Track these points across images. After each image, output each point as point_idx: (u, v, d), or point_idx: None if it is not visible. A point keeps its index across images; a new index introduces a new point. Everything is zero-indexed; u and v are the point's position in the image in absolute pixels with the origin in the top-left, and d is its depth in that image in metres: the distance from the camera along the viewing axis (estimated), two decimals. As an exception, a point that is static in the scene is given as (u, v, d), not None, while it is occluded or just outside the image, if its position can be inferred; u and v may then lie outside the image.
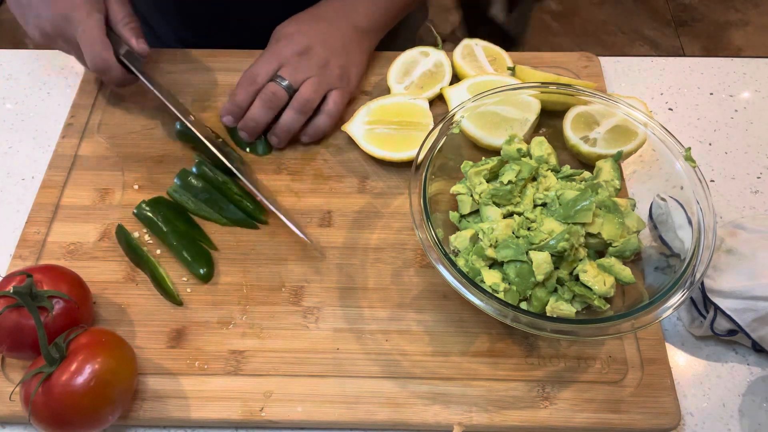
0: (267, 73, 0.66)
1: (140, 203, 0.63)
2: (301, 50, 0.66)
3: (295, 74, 0.66)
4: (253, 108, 0.66)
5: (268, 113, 0.66)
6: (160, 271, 0.60)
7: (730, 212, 0.67)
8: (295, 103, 0.66)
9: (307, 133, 0.68)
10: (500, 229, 0.55)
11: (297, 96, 0.66)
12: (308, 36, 0.67)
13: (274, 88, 0.65)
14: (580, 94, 0.61)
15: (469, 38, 0.76)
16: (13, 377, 0.55)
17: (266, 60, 0.67)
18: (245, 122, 0.66)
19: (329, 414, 0.54)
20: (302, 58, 0.66)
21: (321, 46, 0.67)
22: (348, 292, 0.60)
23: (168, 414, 0.54)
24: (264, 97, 0.65)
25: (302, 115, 0.66)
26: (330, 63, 0.67)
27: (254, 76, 0.66)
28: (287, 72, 0.66)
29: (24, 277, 0.52)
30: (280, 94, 0.65)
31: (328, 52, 0.67)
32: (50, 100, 0.76)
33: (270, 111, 0.66)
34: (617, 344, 0.57)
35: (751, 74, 0.78)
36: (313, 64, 0.66)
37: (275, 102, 0.65)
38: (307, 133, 0.68)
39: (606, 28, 2.18)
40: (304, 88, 0.66)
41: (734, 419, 0.55)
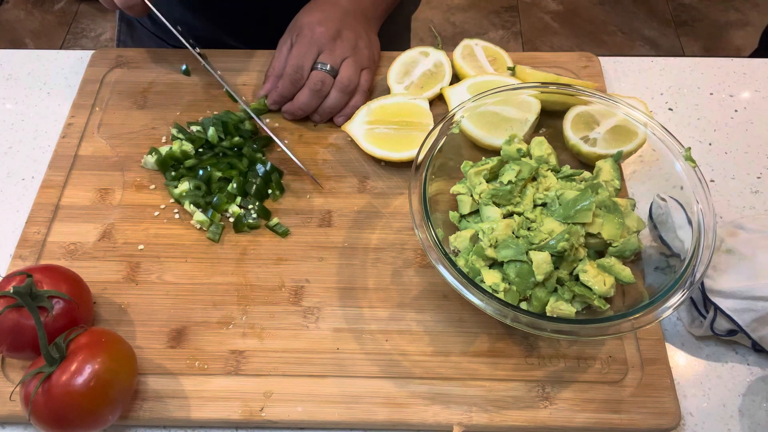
0: (311, 61, 0.69)
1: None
2: (334, 34, 0.69)
3: (334, 57, 0.69)
4: (301, 97, 0.69)
5: (317, 101, 0.69)
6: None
7: (730, 212, 0.67)
8: (339, 85, 0.69)
9: (344, 113, 0.70)
10: (500, 229, 0.55)
11: (340, 78, 0.69)
12: (336, 21, 0.70)
13: (320, 75, 0.68)
14: (580, 94, 0.61)
15: (469, 38, 0.76)
16: (13, 377, 0.55)
17: (305, 49, 0.69)
18: (293, 110, 0.69)
19: (329, 414, 0.54)
20: (336, 42, 0.69)
21: (348, 29, 0.71)
22: (348, 292, 0.60)
23: (168, 414, 0.54)
24: (313, 86, 0.68)
25: (347, 95, 0.69)
26: (359, 44, 0.71)
27: (299, 67, 0.68)
28: (327, 57, 0.69)
29: (24, 277, 0.52)
30: (327, 80, 0.68)
31: (355, 35, 0.71)
32: (50, 100, 0.76)
33: (319, 98, 0.69)
34: (617, 344, 0.57)
35: (751, 74, 0.78)
36: (346, 45, 0.70)
37: (324, 89, 0.68)
38: (344, 113, 0.70)
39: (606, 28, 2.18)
40: (344, 70, 0.69)
41: (734, 419, 0.55)
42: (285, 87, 0.69)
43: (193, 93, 0.74)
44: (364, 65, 0.71)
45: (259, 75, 0.75)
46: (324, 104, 0.69)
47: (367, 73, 0.71)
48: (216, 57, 0.77)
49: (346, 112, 0.70)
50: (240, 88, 0.74)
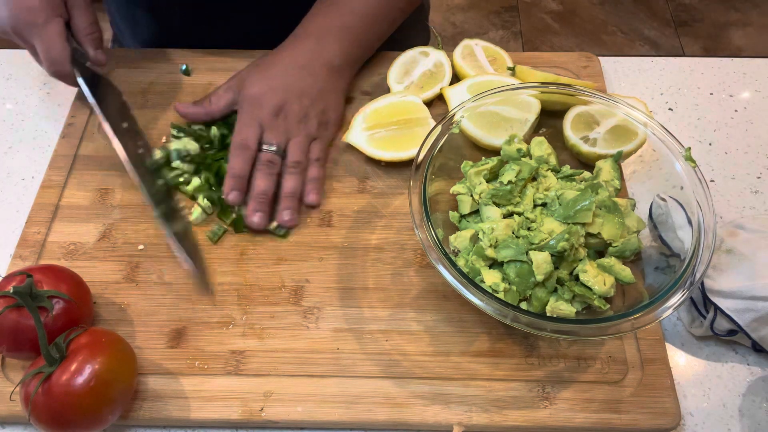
0: (254, 137, 0.64)
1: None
2: (276, 110, 0.65)
3: (278, 136, 0.65)
4: (257, 181, 0.63)
5: (271, 181, 0.64)
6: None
7: (730, 212, 0.67)
8: (289, 169, 0.65)
9: (308, 190, 0.65)
10: (500, 229, 0.55)
11: (288, 161, 0.65)
12: (279, 92, 0.65)
13: (268, 156, 0.64)
14: (580, 94, 0.61)
15: (469, 38, 0.76)
16: (13, 377, 0.55)
17: (247, 124, 0.65)
18: (256, 199, 0.63)
19: (329, 414, 0.54)
20: (279, 118, 0.65)
21: (296, 98, 0.66)
22: (348, 292, 0.60)
23: (168, 414, 0.54)
24: (263, 168, 0.64)
25: (300, 176, 0.65)
26: (308, 114, 0.66)
27: (244, 142, 0.64)
28: (271, 136, 0.65)
29: (24, 277, 0.52)
30: (275, 160, 0.64)
31: (305, 104, 0.66)
32: (50, 100, 0.76)
33: (272, 178, 0.64)
34: (617, 344, 0.57)
35: (751, 74, 0.78)
36: (291, 121, 0.65)
37: (273, 169, 0.64)
38: (308, 190, 0.65)
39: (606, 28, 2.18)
40: (291, 151, 0.65)
41: (734, 419, 0.55)
42: (236, 165, 0.63)
43: (193, 93, 0.74)
44: (313, 136, 0.66)
45: (259, 75, 0.75)
46: (283, 192, 0.64)
47: (317, 143, 0.67)
48: (216, 57, 0.77)
49: (310, 186, 0.65)
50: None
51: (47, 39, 0.63)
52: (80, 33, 0.65)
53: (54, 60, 0.63)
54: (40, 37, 0.63)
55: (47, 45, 0.63)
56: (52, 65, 0.64)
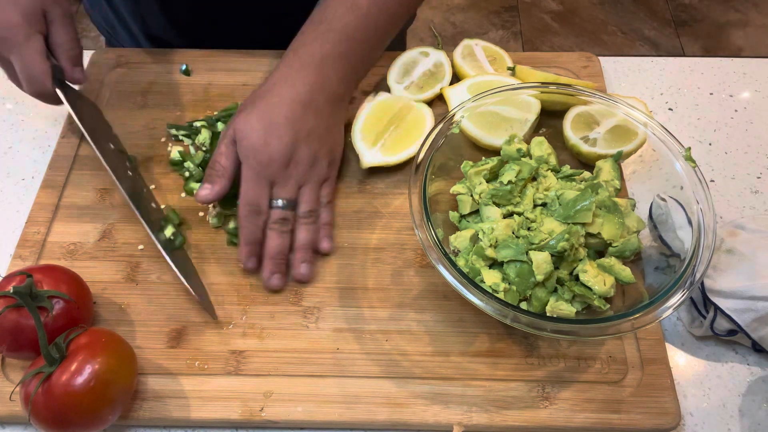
0: (265, 197, 0.59)
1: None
2: (285, 161, 0.59)
3: (290, 190, 0.60)
4: (270, 242, 0.60)
5: (286, 239, 0.60)
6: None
7: (730, 212, 0.67)
8: (303, 220, 0.61)
9: (323, 237, 0.62)
10: (500, 229, 0.55)
11: (301, 212, 0.61)
12: (285, 138, 0.59)
13: (279, 214, 0.60)
14: (580, 94, 0.61)
15: (469, 38, 0.76)
16: (13, 377, 0.55)
17: (255, 183, 0.59)
18: (273, 261, 0.59)
19: (329, 414, 0.54)
20: (290, 169, 0.60)
21: (303, 142, 0.60)
22: (348, 292, 0.60)
23: (168, 414, 0.54)
24: (275, 227, 0.60)
25: (314, 225, 0.62)
26: (317, 157, 0.61)
27: (255, 206, 0.59)
28: (282, 191, 0.60)
29: (24, 277, 0.52)
30: (288, 216, 0.60)
31: (314, 147, 0.61)
32: (50, 100, 0.76)
33: (286, 236, 0.60)
34: (617, 344, 0.57)
35: (751, 74, 0.78)
36: (301, 169, 0.60)
37: (287, 226, 0.60)
38: (323, 237, 0.62)
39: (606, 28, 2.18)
40: (304, 202, 0.61)
41: (734, 419, 0.55)
42: (249, 231, 0.59)
43: (193, 93, 0.74)
44: (323, 179, 0.62)
45: (259, 75, 0.75)
46: (297, 244, 0.61)
47: (327, 185, 0.63)
48: (216, 57, 0.77)
49: (323, 234, 0.62)
50: (240, 88, 0.74)
51: (27, 57, 0.60)
52: (59, 49, 0.63)
53: (34, 79, 0.61)
54: (18, 54, 0.60)
55: (27, 63, 0.60)
56: (32, 84, 0.61)
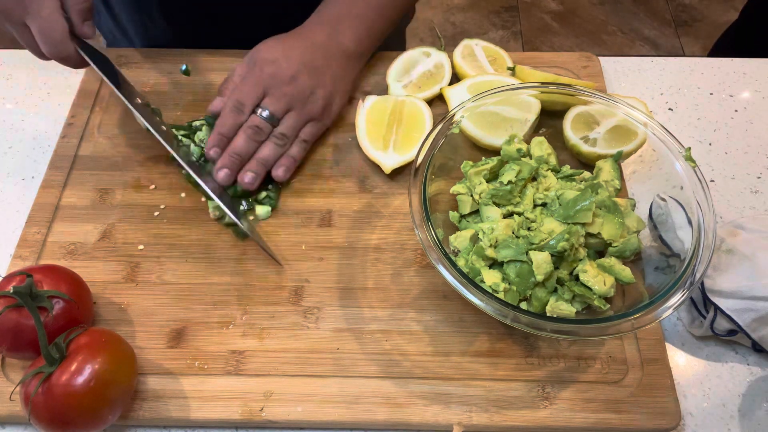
0: (253, 99, 0.63)
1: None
2: (287, 79, 0.63)
3: (278, 104, 0.63)
4: (237, 140, 0.62)
5: (251, 146, 0.63)
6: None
7: (730, 212, 0.67)
8: (274, 137, 0.63)
9: (280, 164, 0.64)
10: (500, 229, 0.55)
11: (276, 131, 0.63)
12: (294, 62, 0.64)
13: (256, 121, 0.62)
14: (580, 94, 0.61)
15: (469, 38, 0.76)
16: (13, 377, 0.55)
17: (251, 83, 0.63)
18: (228, 155, 0.62)
19: (329, 414, 0.54)
20: (287, 87, 0.63)
21: (308, 73, 0.64)
22: (348, 292, 0.60)
23: (168, 414, 0.54)
24: (248, 131, 0.62)
25: (279, 149, 0.64)
26: (315, 93, 0.65)
27: (240, 104, 0.62)
28: (271, 102, 0.63)
29: (24, 277, 0.52)
30: (264, 126, 0.63)
31: (314, 81, 0.65)
32: (50, 100, 0.76)
33: (254, 144, 0.63)
34: (617, 344, 0.57)
35: (751, 74, 0.78)
36: (297, 93, 0.64)
37: (259, 136, 0.63)
38: (280, 164, 0.64)
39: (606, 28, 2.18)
40: (285, 123, 0.63)
41: (734, 419, 0.55)
42: (224, 123, 0.62)
43: (193, 93, 0.74)
44: (313, 117, 0.65)
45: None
46: (256, 156, 0.63)
47: (313, 125, 0.65)
48: (216, 57, 0.77)
49: (283, 161, 0.64)
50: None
51: (44, 17, 0.57)
52: (69, 2, 0.59)
53: (54, 39, 0.58)
54: (36, 14, 0.56)
55: (45, 24, 0.57)
56: (53, 45, 0.58)
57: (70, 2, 0.59)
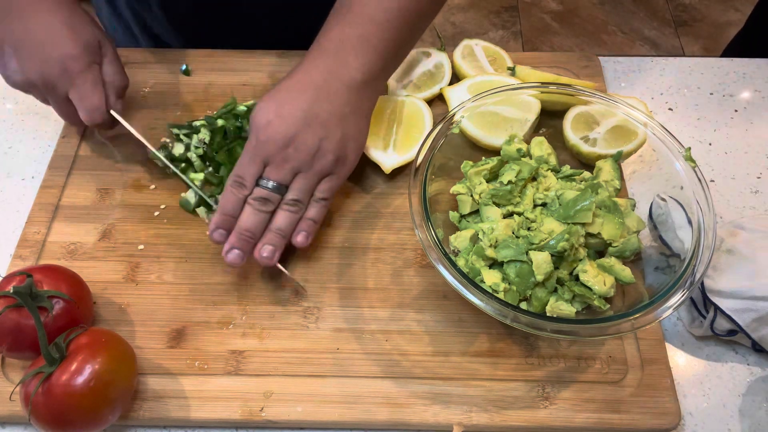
0: (253, 175, 0.57)
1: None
2: (284, 142, 0.56)
3: (282, 173, 0.57)
4: (243, 216, 0.57)
5: (260, 219, 0.57)
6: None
7: (730, 212, 0.67)
8: (285, 206, 0.57)
9: (299, 229, 0.58)
10: (500, 229, 0.55)
11: (287, 198, 0.57)
12: (290, 119, 0.56)
13: (262, 192, 0.56)
14: (580, 94, 0.61)
15: (469, 38, 0.76)
16: (13, 377, 0.55)
17: (250, 158, 0.57)
18: (237, 234, 0.56)
19: (329, 414, 0.54)
20: (288, 151, 0.56)
21: (309, 129, 0.56)
22: (348, 292, 0.60)
23: (168, 414, 0.54)
24: (254, 203, 0.57)
25: (294, 215, 0.58)
26: (322, 147, 0.57)
27: (240, 179, 0.57)
28: (273, 171, 0.57)
29: (24, 277, 0.52)
30: (271, 197, 0.57)
31: (318, 134, 0.57)
32: (50, 100, 0.76)
33: (263, 216, 0.57)
34: (617, 344, 0.57)
35: (751, 74, 0.78)
36: (300, 154, 0.56)
37: (267, 206, 0.57)
38: (299, 229, 0.58)
39: (606, 28, 2.18)
40: (294, 188, 0.57)
41: (734, 419, 0.55)
42: (226, 201, 0.57)
43: (193, 93, 0.74)
44: (325, 173, 0.58)
45: (259, 75, 0.75)
46: (270, 226, 0.57)
47: (328, 181, 0.58)
48: (216, 57, 0.77)
49: (303, 227, 0.58)
50: (240, 88, 0.74)
51: (86, 88, 0.60)
52: (108, 79, 0.63)
53: (93, 109, 0.61)
54: (78, 86, 0.60)
55: (87, 93, 0.60)
56: (92, 114, 0.61)
57: (108, 79, 0.63)
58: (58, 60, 0.59)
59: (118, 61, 0.65)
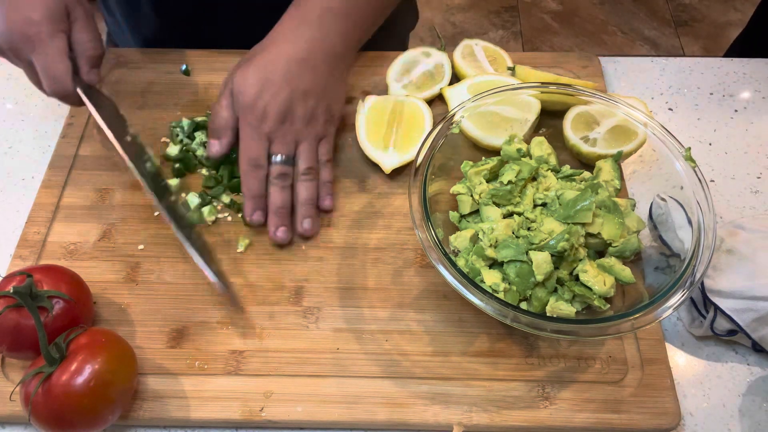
0: (263, 152, 0.62)
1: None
2: (280, 117, 0.61)
3: (286, 145, 0.62)
4: (273, 197, 0.62)
5: (287, 193, 0.63)
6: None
7: (730, 212, 0.67)
8: (302, 177, 0.63)
9: (322, 195, 0.64)
10: (500, 229, 0.55)
11: (300, 169, 0.63)
12: (282, 95, 0.61)
13: (279, 169, 0.62)
14: (580, 94, 0.61)
15: (469, 38, 0.76)
16: (13, 377, 0.55)
17: (253, 139, 0.61)
18: (276, 214, 0.62)
19: (329, 414, 0.54)
20: (286, 125, 0.62)
21: (300, 100, 0.62)
22: (348, 292, 0.60)
23: (168, 414, 0.54)
24: (276, 182, 0.62)
25: (314, 182, 0.63)
26: (314, 114, 0.63)
27: (254, 161, 0.61)
28: (279, 146, 0.62)
29: (24, 277, 0.52)
30: (287, 171, 0.62)
31: (310, 104, 0.62)
32: (50, 100, 0.76)
33: (288, 190, 0.63)
34: (617, 344, 0.57)
35: (751, 74, 0.78)
36: (298, 125, 0.62)
37: (287, 180, 0.62)
38: (322, 195, 0.64)
39: (606, 28, 2.19)
40: (302, 158, 0.63)
41: (734, 419, 0.55)
42: (251, 185, 0.61)
43: (193, 93, 0.74)
44: (321, 136, 0.64)
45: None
46: (299, 200, 0.62)
47: (325, 143, 0.65)
48: (216, 57, 0.77)
49: (323, 193, 0.64)
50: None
51: (50, 56, 0.59)
52: (79, 48, 0.62)
53: (56, 78, 0.60)
54: (41, 53, 0.59)
55: (49, 62, 0.59)
56: (54, 83, 0.60)
57: (79, 48, 0.62)
58: (20, 24, 0.58)
59: (92, 28, 0.62)
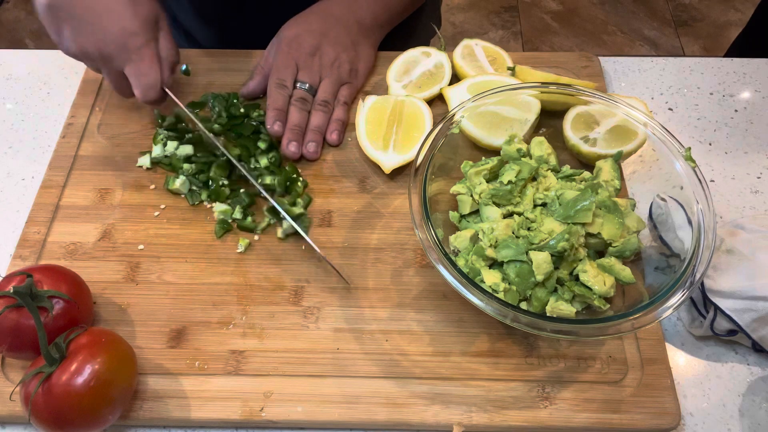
0: (291, 76, 0.70)
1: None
2: (312, 51, 0.70)
3: (312, 75, 0.70)
4: (292, 115, 0.69)
5: (304, 115, 0.69)
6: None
7: (730, 212, 0.67)
8: (316, 105, 0.70)
9: (331, 130, 0.70)
10: (500, 229, 0.55)
11: (317, 99, 0.70)
12: (316, 35, 0.71)
13: (301, 93, 0.70)
14: (580, 94, 0.61)
15: (469, 38, 0.76)
16: (13, 377, 0.55)
17: (284, 64, 0.70)
18: (291, 130, 0.68)
19: (329, 414, 0.54)
20: (315, 59, 0.71)
21: (330, 44, 0.71)
22: (348, 292, 0.60)
23: (168, 414, 0.54)
24: (297, 104, 0.69)
25: (326, 114, 0.70)
26: (340, 58, 0.71)
27: (282, 81, 0.69)
28: (305, 74, 0.70)
29: (24, 277, 0.52)
30: (307, 97, 0.70)
31: (337, 49, 0.71)
32: (50, 100, 0.76)
33: (305, 113, 0.69)
34: (617, 344, 0.57)
35: (751, 74, 0.78)
36: (325, 62, 0.71)
37: (306, 105, 0.70)
38: (331, 130, 0.70)
39: (606, 28, 2.18)
40: (321, 90, 0.70)
41: (734, 419, 0.55)
42: (275, 99, 0.69)
43: (193, 93, 0.74)
44: (344, 80, 0.72)
45: (259, 75, 0.75)
46: (309, 126, 0.69)
47: (347, 87, 0.72)
48: (216, 57, 0.77)
49: (333, 128, 0.70)
50: (240, 88, 0.74)
51: (144, 65, 0.61)
52: (164, 54, 0.64)
53: (150, 86, 0.62)
54: (136, 62, 0.61)
55: (143, 70, 0.61)
56: (147, 90, 0.62)
57: (164, 54, 0.64)
58: (117, 34, 0.59)
59: (171, 36, 0.65)
